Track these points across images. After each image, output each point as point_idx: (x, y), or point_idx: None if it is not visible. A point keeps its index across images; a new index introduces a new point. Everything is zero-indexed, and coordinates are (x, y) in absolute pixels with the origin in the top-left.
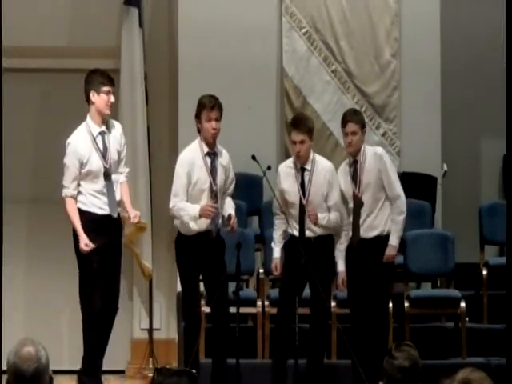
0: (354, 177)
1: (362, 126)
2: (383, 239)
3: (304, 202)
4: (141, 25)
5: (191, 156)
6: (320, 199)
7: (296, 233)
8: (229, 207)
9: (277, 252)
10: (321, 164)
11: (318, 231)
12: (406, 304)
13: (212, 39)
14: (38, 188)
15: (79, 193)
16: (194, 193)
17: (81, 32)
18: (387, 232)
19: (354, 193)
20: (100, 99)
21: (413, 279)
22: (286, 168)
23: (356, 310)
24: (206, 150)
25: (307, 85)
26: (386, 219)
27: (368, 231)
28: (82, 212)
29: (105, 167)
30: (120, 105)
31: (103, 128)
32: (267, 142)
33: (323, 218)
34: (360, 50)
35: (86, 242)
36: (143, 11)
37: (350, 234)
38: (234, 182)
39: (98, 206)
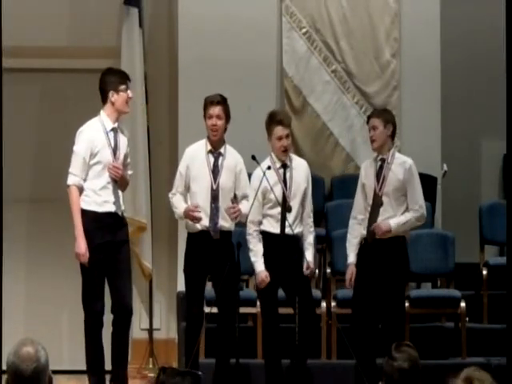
0: (378, 174)
1: (386, 121)
2: (398, 239)
3: (288, 198)
4: (141, 25)
5: (194, 151)
6: (301, 195)
7: (273, 230)
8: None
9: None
10: (296, 160)
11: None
12: (406, 304)
13: (212, 39)
14: (38, 188)
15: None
16: (195, 189)
17: (81, 32)
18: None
19: (374, 190)
20: (120, 98)
21: (413, 279)
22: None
23: (359, 310)
24: (208, 147)
25: (307, 85)
26: None
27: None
28: (83, 211)
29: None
30: None
31: (116, 125)
32: (267, 142)
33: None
34: (360, 50)
35: (82, 251)
36: (143, 11)
37: (364, 231)
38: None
39: (98, 203)
